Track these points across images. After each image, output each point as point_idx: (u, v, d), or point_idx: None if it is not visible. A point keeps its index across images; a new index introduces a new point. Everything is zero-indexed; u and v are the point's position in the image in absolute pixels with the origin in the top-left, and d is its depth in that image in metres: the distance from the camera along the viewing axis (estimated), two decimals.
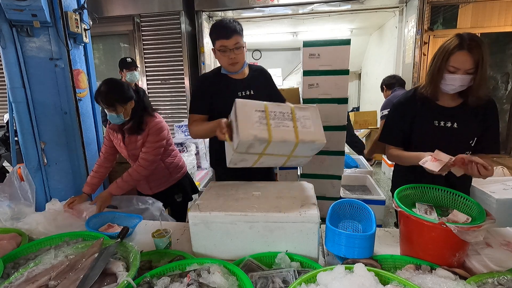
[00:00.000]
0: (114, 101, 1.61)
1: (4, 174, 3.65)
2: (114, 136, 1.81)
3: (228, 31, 1.43)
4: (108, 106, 1.62)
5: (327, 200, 2.69)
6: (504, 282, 0.87)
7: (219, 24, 1.46)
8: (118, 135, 1.78)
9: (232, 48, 1.46)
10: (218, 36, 1.46)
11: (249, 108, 1.19)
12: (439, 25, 4.28)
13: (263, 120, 1.17)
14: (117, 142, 1.81)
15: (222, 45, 1.45)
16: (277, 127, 1.17)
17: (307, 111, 1.24)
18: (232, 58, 1.48)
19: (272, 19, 5.11)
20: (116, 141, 1.82)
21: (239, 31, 1.46)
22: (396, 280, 0.82)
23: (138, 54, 4.65)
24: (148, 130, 1.72)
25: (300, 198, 1.19)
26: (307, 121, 1.22)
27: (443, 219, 1.06)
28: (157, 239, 1.19)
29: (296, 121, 1.21)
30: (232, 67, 1.53)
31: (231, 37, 1.43)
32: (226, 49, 1.46)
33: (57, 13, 1.81)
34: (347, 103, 2.59)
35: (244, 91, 1.60)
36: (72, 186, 2.05)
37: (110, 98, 1.61)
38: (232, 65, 1.51)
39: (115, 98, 1.61)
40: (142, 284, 0.92)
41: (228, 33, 1.43)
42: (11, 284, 0.94)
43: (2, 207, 1.51)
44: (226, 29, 1.44)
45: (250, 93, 1.60)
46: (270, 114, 1.19)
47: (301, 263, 1.05)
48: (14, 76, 1.80)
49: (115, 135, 1.80)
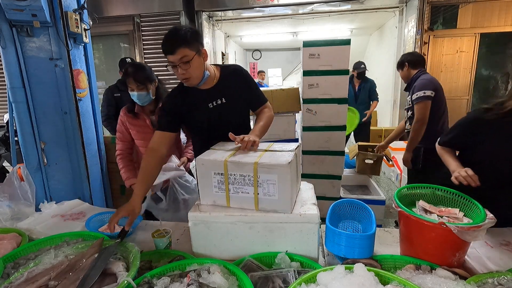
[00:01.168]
0: (144, 79, 1.70)
1: (4, 174, 3.65)
2: (134, 124, 1.83)
3: (172, 45, 1.24)
4: (140, 85, 1.70)
5: (327, 200, 2.69)
6: (504, 282, 0.87)
7: (165, 37, 1.27)
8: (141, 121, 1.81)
9: (178, 64, 1.27)
10: (164, 51, 1.28)
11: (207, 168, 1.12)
12: (439, 25, 4.28)
13: (221, 185, 1.12)
14: (139, 129, 1.84)
15: (169, 60, 1.28)
16: (235, 194, 1.11)
17: (273, 173, 1.04)
18: (181, 74, 1.29)
19: (272, 19, 5.11)
20: (137, 128, 1.84)
21: (188, 40, 1.25)
22: (396, 280, 0.82)
23: (138, 54, 4.65)
24: None
25: (300, 198, 1.19)
26: (271, 187, 1.06)
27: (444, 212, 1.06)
28: (157, 239, 1.19)
29: (258, 186, 1.07)
30: (186, 82, 1.36)
31: (176, 51, 1.24)
32: (174, 64, 1.28)
33: (57, 13, 1.81)
34: (347, 103, 2.59)
35: (214, 101, 1.44)
36: (72, 186, 2.05)
37: (141, 76, 1.70)
38: (185, 81, 1.34)
39: (145, 76, 1.71)
40: (142, 284, 0.92)
41: (172, 47, 1.24)
42: (11, 284, 0.94)
43: (2, 207, 1.51)
44: (170, 42, 1.25)
45: (221, 101, 1.45)
46: (229, 177, 1.10)
47: (301, 263, 1.05)
48: (14, 76, 1.80)
49: (136, 123, 1.82)
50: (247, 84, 1.52)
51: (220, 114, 1.46)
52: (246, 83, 1.52)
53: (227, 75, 1.49)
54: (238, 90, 1.49)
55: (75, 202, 1.76)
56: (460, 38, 4.29)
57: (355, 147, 3.15)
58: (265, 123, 1.47)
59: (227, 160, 1.09)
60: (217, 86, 1.45)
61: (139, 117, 1.83)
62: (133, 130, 1.86)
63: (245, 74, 1.53)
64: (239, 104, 1.52)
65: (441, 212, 1.08)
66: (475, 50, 4.30)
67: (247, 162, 1.07)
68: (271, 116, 1.54)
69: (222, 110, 1.46)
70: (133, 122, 1.83)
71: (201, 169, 1.13)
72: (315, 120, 2.60)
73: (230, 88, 1.47)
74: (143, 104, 1.79)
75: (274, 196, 1.07)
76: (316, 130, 2.62)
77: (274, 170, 1.04)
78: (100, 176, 2.30)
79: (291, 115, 2.82)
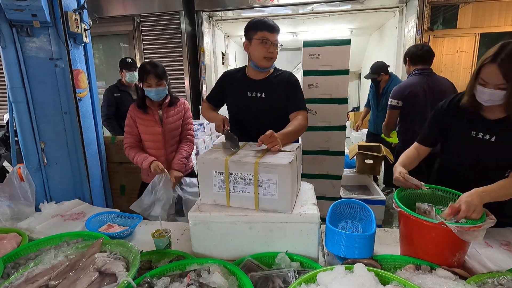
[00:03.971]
0: (163, 74, 1.82)
1: (4, 174, 3.65)
2: (143, 119, 1.91)
3: (274, 27, 1.52)
4: (159, 80, 1.81)
5: (327, 200, 2.69)
6: (504, 282, 0.87)
7: (265, 20, 1.52)
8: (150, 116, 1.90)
9: (273, 43, 1.52)
10: (263, 28, 1.50)
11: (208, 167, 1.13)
12: (439, 25, 4.29)
13: (222, 184, 1.12)
14: (147, 124, 1.91)
15: (265, 36, 1.50)
16: (236, 193, 1.11)
17: (274, 173, 1.04)
18: (271, 52, 1.52)
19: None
20: (145, 123, 1.91)
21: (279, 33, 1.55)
22: (396, 280, 0.82)
23: (138, 54, 4.65)
24: (183, 106, 2.01)
25: (300, 198, 1.19)
26: (272, 187, 1.06)
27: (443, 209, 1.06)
28: (157, 239, 1.19)
29: (259, 186, 1.07)
30: (266, 62, 1.55)
31: (276, 33, 1.52)
32: (268, 41, 1.50)
33: (57, 13, 1.81)
34: (347, 103, 2.59)
35: (254, 92, 1.61)
36: (72, 186, 2.05)
37: (160, 71, 1.81)
38: (268, 59, 1.54)
39: (163, 71, 1.84)
40: (142, 284, 0.92)
41: (274, 29, 1.51)
42: (11, 284, 0.94)
43: (2, 207, 1.51)
44: (273, 25, 1.52)
45: (261, 95, 1.60)
46: (230, 176, 1.10)
47: (301, 263, 1.05)
48: (14, 76, 1.80)
49: (146, 117, 1.90)
50: (291, 89, 1.62)
51: (255, 107, 1.60)
52: (292, 87, 1.62)
53: (279, 75, 1.65)
54: (280, 90, 1.61)
55: (75, 202, 1.76)
56: (460, 38, 4.29)
57: (355, 147, 3.15)
58: (294, 129, 1.45)
59: (228, 159, 1.09)
60: (264, 80, 1.62)
61: (148, 112, 1.90)
62: (141, 124, 1.93)
63: (294, 80, 1.65)
64: (275, 103, 1.61)
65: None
66: (475, 50, 4.30)
67: (248, 161, 1.07)
68: (303, 124, 1.52)
69: (259, 103, 1.61)
70: (142, 117, 1.92)
71: (202, 168, 1.14)
72: (315, 120, 2.60)
73: (275, 86, 1.61)
74: (159, 99, 1.89)
75: (275, 196, 1.07)
76: (316, 130, 2.62)
77: (275, 170, 1.04)
78: (100, 176, 2.30)
79: None
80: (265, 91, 1.60)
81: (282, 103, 1.60)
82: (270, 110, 1.61)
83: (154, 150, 1.94)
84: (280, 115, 1.61)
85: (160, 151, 1.94)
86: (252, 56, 1.57)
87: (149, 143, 1.95)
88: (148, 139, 1.95)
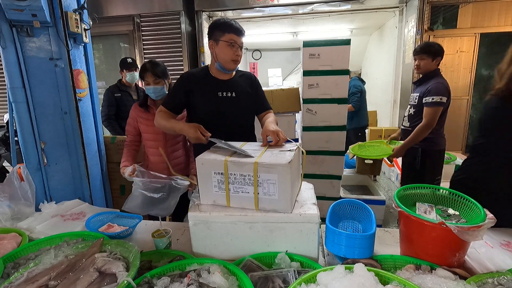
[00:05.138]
0: (161, 74, 1.83)
1: (4, 174, 3.65)
2: (144, 118, 1.92)
3: (241, 31, 1.54)
4: (156, 78, 1.82)
5: (327, 200, 2.69)
6: (504, 282, 0.87)
7: (232, 22, 1.53)
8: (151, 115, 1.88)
9: (239, 46, 1.54)
10: (231, 31, 1.51)
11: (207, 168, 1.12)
12: (439, 25, 4.28)
13: (222, 184, 1.12)
14: (148, 123, 1.91)
15: (232, 39, 1.51)
16: (235, 193, 1.11)
17: (274, 173, 1.04)
18: (238, 55, 1.55)
19: (272, 19, 5.11)
20: (147, 122, 1.92)
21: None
22: (396, 280, 0.82)
23: (138, 54, 4.65)
24: None
25: (300, 198, 1.19)
26: (271, 187, 1.06)
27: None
28: (157, 239, 1.19)
29: (258, 186, 1.07)
30: (233, 64, 1.57)
31: (242, 36, 1.54)
32: (236, 44, 1.52)
33: (57, 13, 1.81)
34: (347, 103, 2.59)
35: (225, 92, 1.62)
36: (72, 186, 2.04)
37: (158, 70, 1.82)
38: (235, 62, 1.56)
39: (161, 70, 1.84)
40: (142, 284, 0.92)
41: (241, 32, 1.54)
42: (11, 284, 0.94)
43: (2, 207, 1.51)
44: (240, 29, 1.53)
45: (231, 95, 1.62)
46: (230, 177, 1.10)
47: (301, 263, 1.05)
48: (14, 76, 1.80)
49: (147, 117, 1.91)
50: (255, 88, 1.72)
51: (227, 106, 1.61)
52: (255, 86, 1.72)
53: (242, 75, 1.71)
54: (247, 90, 1.68)
55: (75, 202, 1.76)
56: (460, 38, 4.29)
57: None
58: (274, 119, 1.58)
59: (227, 160, 1.09)
60: (232, 81, 1.65)
61: (150, 111, 1.92)
62: (142, 124, 1.94)
63: (256, 80, 1.75)
64: (246, 103, 1.67)
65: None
66: (475, 50, 4.30)
67: (247, 161, 1.07)
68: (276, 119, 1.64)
69: (230, 103, 1.62)
70: (144, 116, 1.93)
71: (201, 168, 1.13)
72: (315, 120, 2.60)
73: (242, 86, 1.67)
74: (157, 98, 1.89)
75: (274, 196, 1.07)
76: (316, 130, 2.62)
77: (274, 170, 1.04)
78: (100, 176, 2.30)
79: (291, 115, 2.82)
80: (235, 91, 1.63)
81: (251, 102, 1.69)
82: (240, 110, 1.66)
83: (155, 149, 1.94)
84: (248, 114, 1.72)
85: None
86: (219, 58, 1.56)
87: (150, 142, 1.95)
88: (149, 138, 1.95)
